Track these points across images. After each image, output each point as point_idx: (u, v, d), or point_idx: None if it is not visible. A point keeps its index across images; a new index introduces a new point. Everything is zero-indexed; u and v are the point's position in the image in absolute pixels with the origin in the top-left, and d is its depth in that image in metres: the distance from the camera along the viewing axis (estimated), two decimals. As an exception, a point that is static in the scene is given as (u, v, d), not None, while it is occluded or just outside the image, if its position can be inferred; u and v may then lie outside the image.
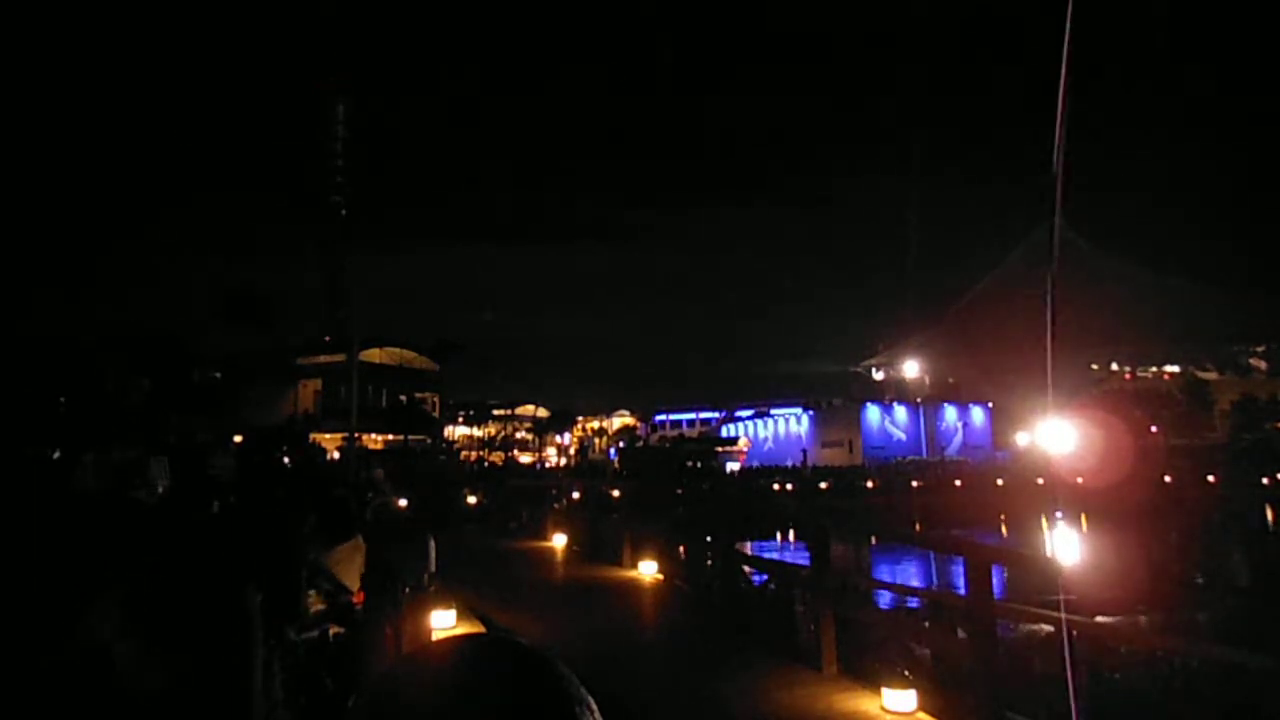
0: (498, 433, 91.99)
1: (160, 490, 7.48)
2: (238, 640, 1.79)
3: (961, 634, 6.35)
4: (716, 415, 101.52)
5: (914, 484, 54.33)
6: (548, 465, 78.94)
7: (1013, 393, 78.99)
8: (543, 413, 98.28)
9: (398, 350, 66.25)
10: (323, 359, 61.11)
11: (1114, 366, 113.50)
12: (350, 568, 5.46)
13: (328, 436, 49.00)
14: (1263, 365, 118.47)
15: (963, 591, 6.34)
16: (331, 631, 5.04)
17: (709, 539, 12.15)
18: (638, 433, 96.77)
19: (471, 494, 29.10)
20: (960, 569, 6.72)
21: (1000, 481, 54.35)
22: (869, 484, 54.21)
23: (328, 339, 68.37)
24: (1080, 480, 36.24)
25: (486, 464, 70.14)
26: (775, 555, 22.61)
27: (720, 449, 74.66)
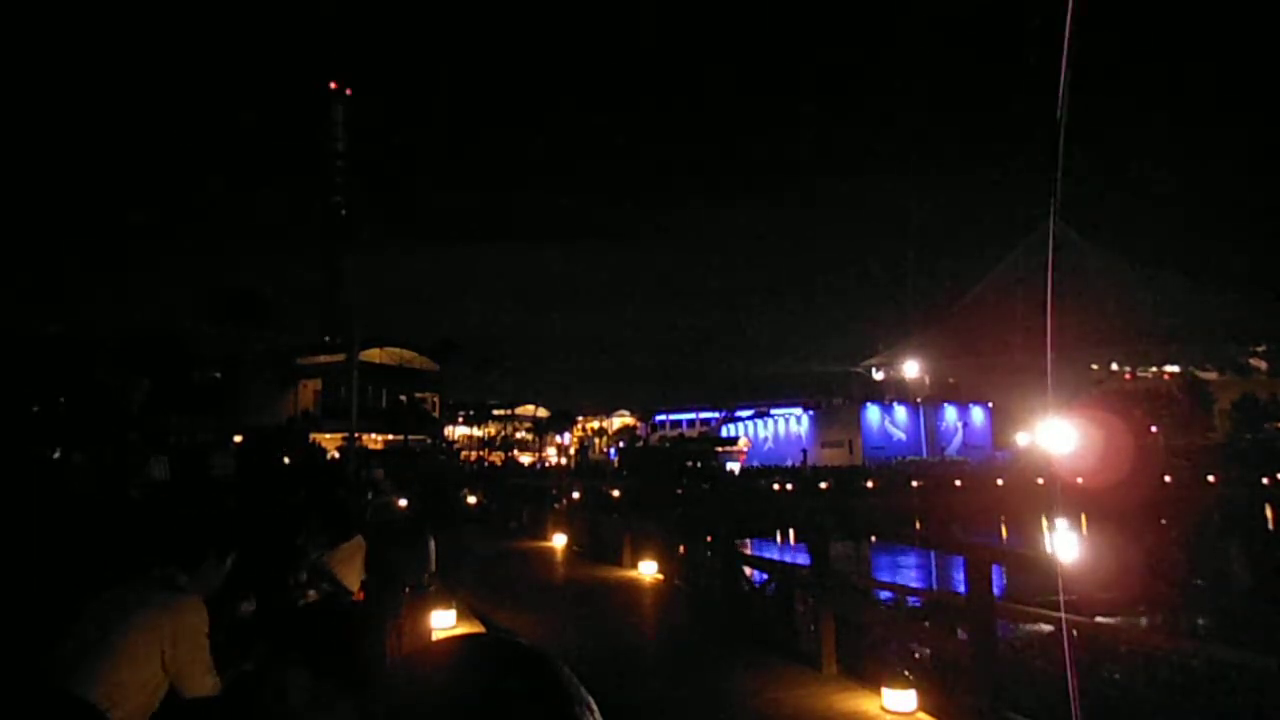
0: (498, 433, 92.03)
1: (158, 490, 7.48)
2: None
3: (961, 634, 6.35)
4: (716, 415, 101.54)
5: (914, 484, 54.35)
6: (548, 465, 78.96)
7: (1013, 393, 79.04)
8: (543, 413, 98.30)
9: (398, 350, 66.18)
10: (323, 359, 61.05)
11: (1114, 366, 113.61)
12: (350, 568, 5.46)
13: (328, 436, 48.95)
14: (1263, 365, 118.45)
15: (963, 591, 6.34)
16: (332, 631, 5.03)
17: (709, 539, 12.14)
18: (638, 433, 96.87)
19: (471, 494, 29.10)
20: (960, 569, 6.71)
21: (1000, 481, 54.34)
22: (869, 484, 54.18)
23: (328, 339, 68.35)
24: (1080, 480, 36.24)
25: (486, 464, 70.21)
26: (775, 555, 22.61)
27: (720, 449, 74.65)
